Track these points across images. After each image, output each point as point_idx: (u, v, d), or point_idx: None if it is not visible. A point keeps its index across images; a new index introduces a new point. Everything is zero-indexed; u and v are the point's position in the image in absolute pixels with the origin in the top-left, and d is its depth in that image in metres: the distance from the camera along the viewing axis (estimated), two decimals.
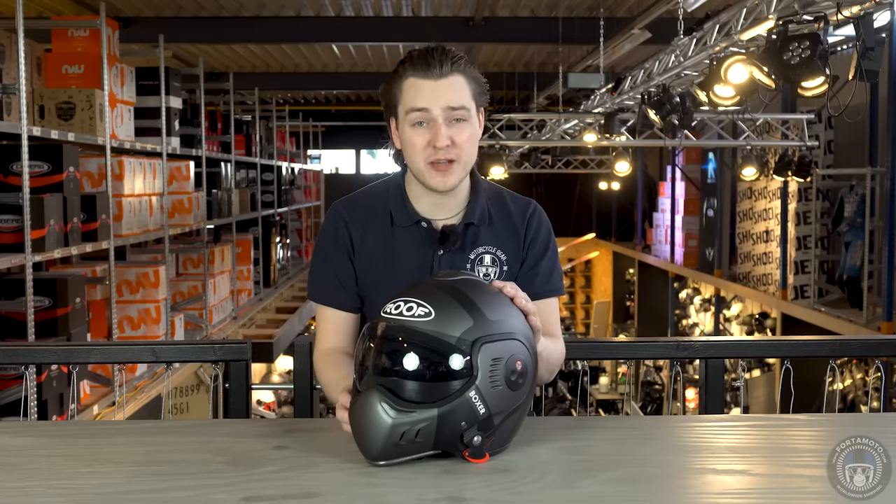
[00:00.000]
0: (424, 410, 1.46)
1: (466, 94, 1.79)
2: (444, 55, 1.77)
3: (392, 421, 1.45)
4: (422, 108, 1.76)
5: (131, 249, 7.50)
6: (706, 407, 2.44)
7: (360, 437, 1.48)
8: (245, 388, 2.28)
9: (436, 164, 1.78)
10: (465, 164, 1.81)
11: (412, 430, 1.45)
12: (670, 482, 1.48)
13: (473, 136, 1.81)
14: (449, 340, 1.47)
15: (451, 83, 1.77)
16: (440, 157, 1.77)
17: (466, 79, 1.79)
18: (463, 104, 1.77)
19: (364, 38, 11.35)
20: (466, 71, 1.80)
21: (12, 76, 5.12)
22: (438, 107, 1.76)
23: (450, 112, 1.77)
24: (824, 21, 5.04)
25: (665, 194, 14.72)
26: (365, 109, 19.56)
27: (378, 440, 1.45)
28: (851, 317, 8.32)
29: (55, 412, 5.01)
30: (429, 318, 1.48)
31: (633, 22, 9.28)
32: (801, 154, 9.11)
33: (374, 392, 1.47)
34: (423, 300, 1.50)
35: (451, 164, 1.78)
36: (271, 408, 11.91)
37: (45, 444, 1.65)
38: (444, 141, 1.76)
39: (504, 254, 1.87)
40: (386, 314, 1.52)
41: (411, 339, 1.48)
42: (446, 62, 1.76)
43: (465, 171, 1.82)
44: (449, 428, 1.47)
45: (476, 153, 1.84)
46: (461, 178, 1.82)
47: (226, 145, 9.65)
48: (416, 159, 1.80)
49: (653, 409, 14.06)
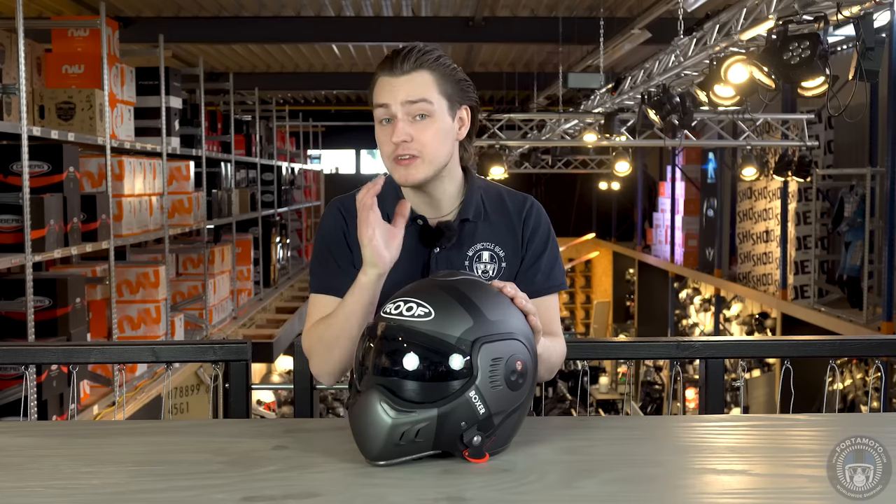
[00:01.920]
0: (424, 410, 1.46)
1: (430, 89, 1.76)
2: (409, 53, 1.76)
3: (392, 421, 1.45)
4: (383, 104, 1.77)
5: (131, 249, 7.50)
6: (706, 407, 2.44)
7: (360, 437, 1.48)
8: (245, 388, 2.28)
9: (398, 160, 1.78)
10: (430, 160, 1.78)
11: (412, 430, 1.45)
12: (670, 482, 1.48)
13: (440, 132, 1.78)
14: (449, 340, 1.47)
15: (410, 79, 1.76)
16: (400, 153, 1.76)
17: (434, 75, 1.77)
18: (423, 97, 1.75)
19: (364, 38, 11.35)
20: (435, 67, 1.78)
21: (12, 76, 5.12)
22: (397, 101, 1.75)
23: (409, 106, 1.75)
24: (824, 21, 5.04)
25: (665, 194, 14.72)
26: (365, 109, 19.55)
27: (378, 440, 1.45)
28: (851, 317, 8.32)
29: (55, 412, 5.01)
30: (429, 318, 1.48)
31: (633, 22, 9.28)
32: (801, 154, 9.11)
33: (374, 392, 1.47)
34: (422, 300, 1.50)
35: (413, 158, 1.77)
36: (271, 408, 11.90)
37: (45, 444, 1.65)
38: (399, 136, 1.75)
39: (502, 250, 1.86)
40: (385, 314, 1.52)
41: (411, 339, 1.47)
42: (409, 59, 1.76)
43: (431, 168, 1.79)
44: (449, 428, 1.47)
45: (448, 152, 1.81)
46: (427, 176, 1.79)
47: (226, 145, 9.65)
48: (384, 156, 1.80)
49: (653, 409, 14.06)
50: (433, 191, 1.84)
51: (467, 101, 1.83)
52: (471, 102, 1.84)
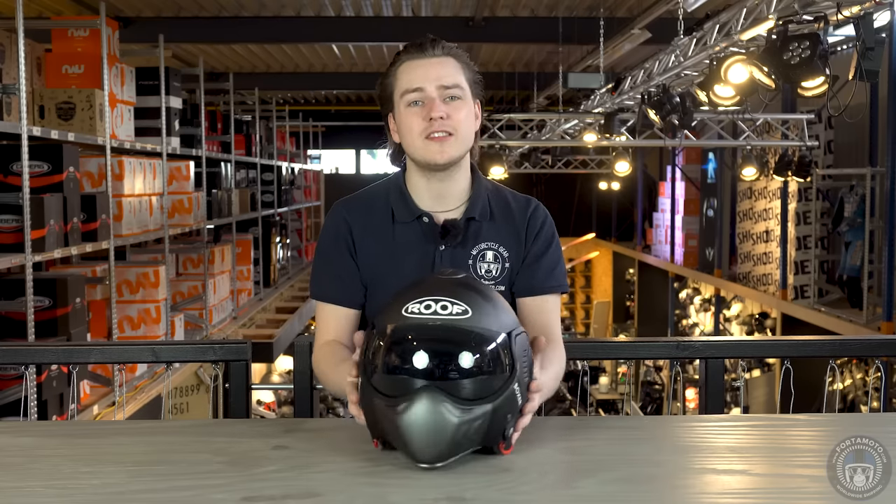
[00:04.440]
0: (481, 407, 1.46)
1: (461, 76, 1.82)
2: (436, 41, 1.82)
3: (457, 420, 1.43)
4: (417, 88, 1.79)
5: (131, 249, 7.50)
6: (706, 407, 2.44)
7: (420, 442, 1.43)
8: (245, 388, 2.28)
9: (433, 137, 1.79)
10: (462, 140, 1.81)
11: (471, 428, 1.45)
12: (670, 482, 1.48)
13: (470, 114, 1.83)
14: (492, 336, 1.47)
15: (443, 62, 1.81)
16: (436, 129, 1.78)
17: (460, 63, 1.83)
18: (457, 83, 1.80)
19: (364, 38, 11.36)
20: (460, 57, 1.84)
21: (12, 76, 5.12)
22: (433, 84, 1.79)
23: (444, 90, 1.79)
24: (824, 21, 5.04)
25: (665, 194, 14.72)
26: (365, 109, 19.56)
27: (442, 442, 1.43)
28: (851, 317, 8.32)
29: (55, 412, 5.01)
30: (467, 315, 1.47)
31: (633, 22, 9.28)
32: (801, 154, 9.11)
33: (430, 394, 1.43)
34: (454, 298, 1.49)
35: (449, 136, 1.79)
36: (271, 408, 11.91)
37: (45, 444, 1.65)
38: (439, 111, 1.78)
39: (506, 250, 1.87)
40: (415, 314, 1.48)
41: (463, 337, 1.46)
42: (438, 45, 1.82)
43: (463, 147, 1.82)
44: (497, 421, 1.48)
45: (473, 136, 1.85)
46: (459, 154, 1.82)
47: (226, 145, 9.65)
48: (414, 138, 1.80)
49: (653, 409, 14.06)
50: (446, 182, 1.86)
51: (480, 96, 1.88)
52: (482, 98, 1.90)
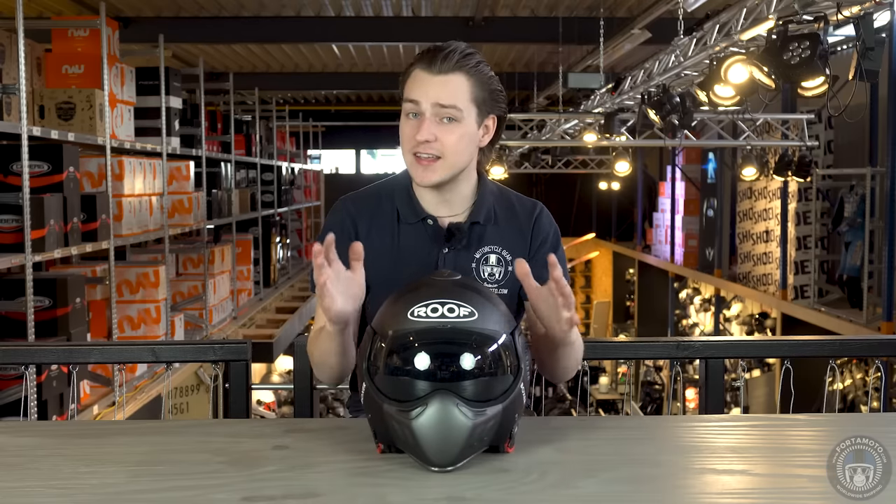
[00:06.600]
0: (493, 407, 1.46)
1: (463, 95, 1.76)
2: (450, 54, 1.75)
3: (472, 423, 1.43)
4: (413, 100, 1.76)
5: (131, 249, 7.50)
6: (706, 407, 2.44)
7: (436, 445, 1.43)
8: (245, 388, 2.28)
9: (418, 158, 1.78)
10: (451, 163, 1.79)
11: (485, 429, 1.45)
12: (670, 482, 1.48)
13: (465, 137, 1.78)
14: (498, 336, 1.48)
15: (446, 80, 1.75)
16: (421, 151, 1.77)
17: (471, 80, 1.77)
18: (454, 104, 1.75)
19: (364, 38, 11.35)
20: (473, 73, 1.77)
21: (12, 76, 5.12)
22: (428, 101, 1.75)
23: (440, 109, 1.75)
24: (824, 21, 5.04)
25: (665, 194, 14.72)
26: (365, 109, 19.56)
27: (457, 445, 1.43)
28: (851, 317, 8.32)
29: (55, 412, 5.01)
30: (474, 317, 1.47)
31: (633, 22, 9.28)
32: (801, 154, 9.11)
33: (444, 398, 1.43)
34: (459, 300, 1.49)
35: (436, 160, 1.77)
36: (271, 408, 11.91)
37: (45, 444, 1.64)
38: (425, 135, 1.75)
39: (510, 254, 1.87)
40: (422, 318, 1.47)
41: (473, 340, 1.46)
42: (449, 60, 1.74)
43: (451, 170, 1.80)
44: (506, 421, 1.48)
45: (469, 156, 1.82)
46: (444, 177, 1.80)
47: (226, 145, 9.65)
48: (404, 149, 1.80)
49: (653, 409, 14.06)
50: (448, 190, 1.85)
51: (496, 110, 1.84)
52: (499, 112, 1.85)
